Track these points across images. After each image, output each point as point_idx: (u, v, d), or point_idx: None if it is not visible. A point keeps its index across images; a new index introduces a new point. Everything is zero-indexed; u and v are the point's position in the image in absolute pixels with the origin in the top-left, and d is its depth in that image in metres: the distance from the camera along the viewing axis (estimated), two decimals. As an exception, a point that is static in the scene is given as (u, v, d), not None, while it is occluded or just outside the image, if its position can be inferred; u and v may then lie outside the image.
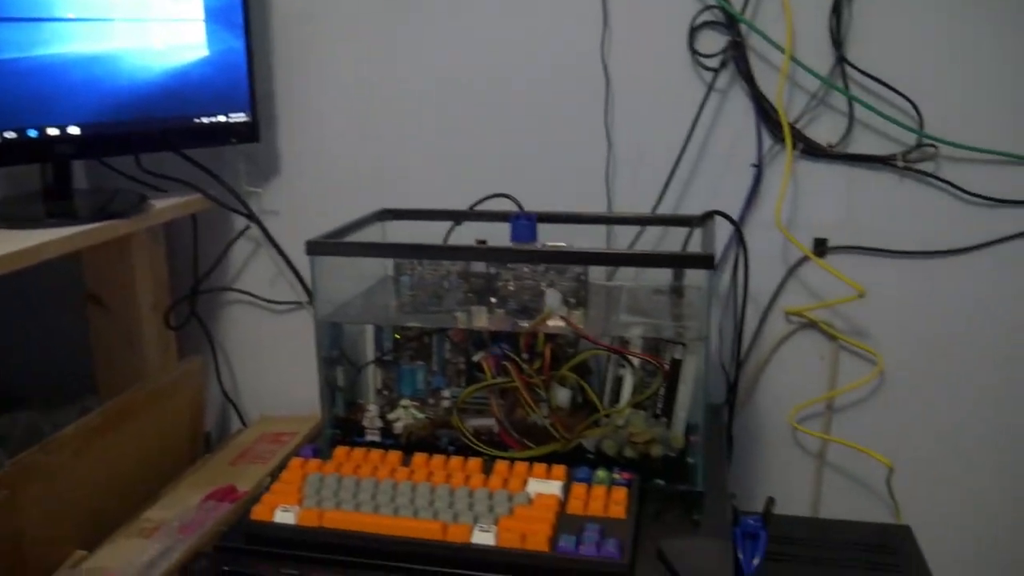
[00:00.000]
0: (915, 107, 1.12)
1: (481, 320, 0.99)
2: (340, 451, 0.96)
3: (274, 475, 0.94)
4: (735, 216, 1.19)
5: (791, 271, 1.21)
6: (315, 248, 0.96)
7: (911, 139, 1.13)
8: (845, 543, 1.15)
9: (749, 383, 1.27)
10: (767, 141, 1.17)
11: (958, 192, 1.14)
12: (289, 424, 1.35)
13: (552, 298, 0.93)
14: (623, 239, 1.22)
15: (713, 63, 1.15)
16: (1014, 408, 1.21)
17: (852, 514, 1.28)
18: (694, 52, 1.16)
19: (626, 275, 1.17)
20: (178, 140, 1.20)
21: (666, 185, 1.19)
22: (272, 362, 1.41)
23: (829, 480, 1.29)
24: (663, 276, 1.07)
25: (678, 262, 0.90)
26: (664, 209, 1.20)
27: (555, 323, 0.94)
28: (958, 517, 1.26)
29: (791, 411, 1.25)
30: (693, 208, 1.17)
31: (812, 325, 1.23)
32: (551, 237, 1.04)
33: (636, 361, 0.94)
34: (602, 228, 1.20)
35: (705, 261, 0.85)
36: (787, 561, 1.11)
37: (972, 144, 1.12)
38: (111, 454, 1.12)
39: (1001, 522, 1.26)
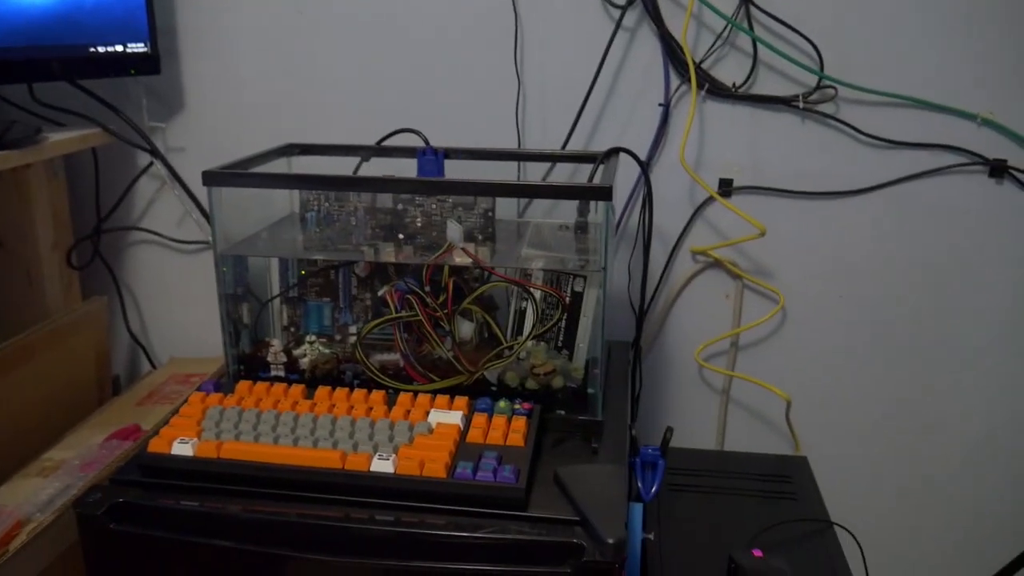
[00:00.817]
0: (816, 49, 1.14)
1: (387, 256, 0.99)
2: (242, 385, 0.95)
3: (176, 411, 0.93)
4: (644, 156, 1.21)
5: (697, 211, 1.24)
6: (212, 179, 0.94)
7: (812, 81, 1.16)
8: (746, 474, 1.19)
9: (657, 322, 1.29)
10: (674, 81, 1.18)
11: (856, 133, 1.17)
12: (199, 365, 1.33)
13: (453, 230, 0.93)
14: (534, 177, 1.22)
15: (621, 1, 1.15)
16: (907, 344, 1.27)
17: (755, 447, 1.33)
18: (603, -11, 1.16)
19: (536, 214, 1.18)
20: (72, 70, 1.16)
21: (575, 123, 1.19)
22: (181, 303, 1.39)
23: (734, 415, 1.33)
24: (571, 214, 1.08)
25: (576, 194, 0.91)
26: (574, 147, 1.21)
27: (459, 257, 0.94)
28: (853, 447, 1.32)
29: (698, 348, 1.28)
30: (603, 146, 1.18)
31: (718, 264, 1.26)
32: (460, 174, 1.04)
33: (538, 294, 0.95)
34: (513, 165, 1.20)
35: (603, 193, 0.86)
36: (690, 491, 1.15)
37: (871, 87, 1.15)
38: (11, 395, 1.09)
39: (892, 452, 1.32)
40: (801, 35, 1.14)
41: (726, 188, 1.22)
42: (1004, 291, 1.23)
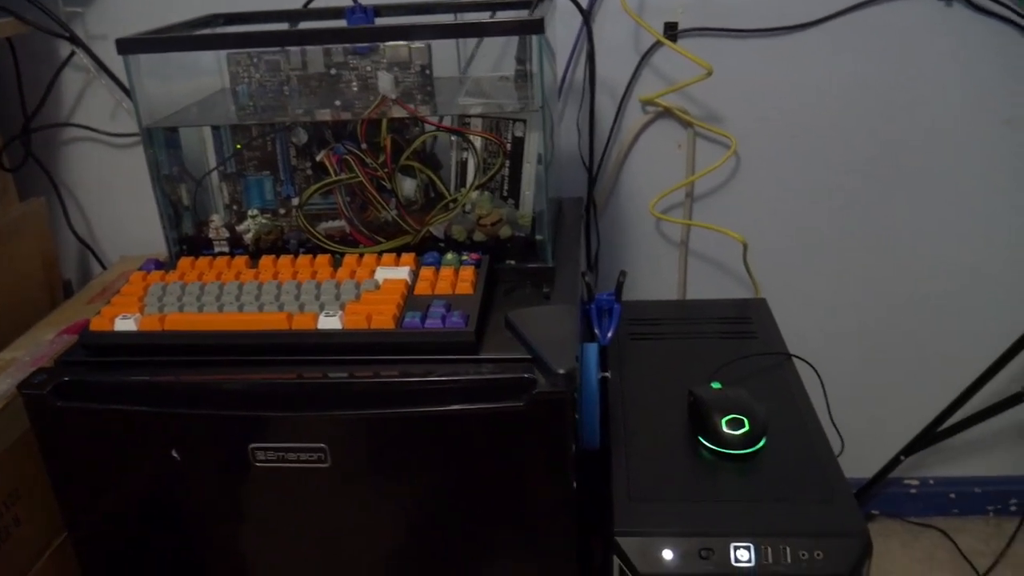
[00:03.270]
0: None
1: (322, 118, 0.95)
2: (184, 261, 0.93)
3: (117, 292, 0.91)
4: (584, 3, 1.16)
5: (644, 58, 1.20)
6: (128, 46, 0.89)
7: (752, -93, 1.11)
8: (706, 319, 1.20)
9: (611, 177, 1.27)
10: (610, -81, 1.13)
11: (800, -39, 1.14)
12: (151, 261, 1.30)
13: (384, 80, 0.90)
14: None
15: None
16: (863, 179, 1.26)
17: (717, 295, 1.33)
18: None
19: (480, 72, 1.14)
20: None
21: (509, -28, 1.14)
22: (126, 200, 1.35)
23: (693, 265, 1.33)
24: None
25: (505, 30, 0.88)
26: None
27: (394, 110, 0.91)
28: (812, 286, 1.33)
29: (652, 201, 1.27)
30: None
31: (668, 113, 1.23)
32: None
33: (478, 142, 0.92)
34: (450, 18, 1.15)
35: (533, 26, 0.82)
36: (654, 339, 1.15)
37: (812, -92, 1.11)
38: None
39: (850, 288, 1.33)
40: None
41: (671, 32, 1.18)
42: (957, 116, 1.21)
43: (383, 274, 0.87)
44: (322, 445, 0.77)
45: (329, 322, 0.81)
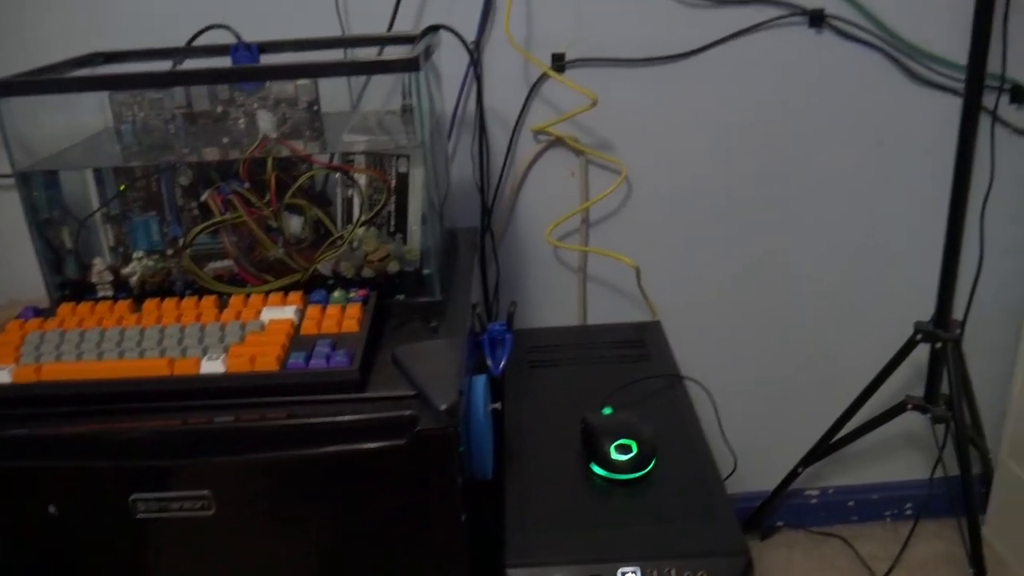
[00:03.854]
0: (631, -90, 1.13)
1: (207, 157, 0.95)
2: (64, 308, 0.91)
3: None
4: (473, 35, 1.18)
5: (533, 88, 1.23)
6: (3, 89, 0.87)
7: (630, -57, 1.15)
8: (603, 343, 1.22)
9: (507, 206, 1.29)
10: (495, -45, 1.16)
11: (679, -6, 1.18)
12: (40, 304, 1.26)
13: (264, 120, 0.90)
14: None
15: None
16: (750, 202, 1.30)
17: (616, 318, 1.36)
18: None
19: (373, 105, 1.15)
20: None
21: (396, 6, 1.15)
22: (10, 242, 1.31)
23: (592, 290, 1.36)
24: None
25: (382, 68, 0.89)
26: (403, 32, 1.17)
27: (275, 149, 0.91)
28: (706, 307, 1.37)
29: (548, 228, 1.29)
30: (430, 30, 1.15)
31: (560, 142, 1.26)
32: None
33: (362, 179, 0.93)
34: (338, 54, 1.15)
35: (410, 64, 0.84)
36: (551, 366, 1.17)
37: (687, -55, 1.15)
38: None
39: (743, 309, 1.38)
40: None
41: (559, 63, 1.21)
42: (834, 138, 1.27)
43: (269, 314, 0.87)
44: (205, 492, 0.76)
45: (212, 366, 0.80)
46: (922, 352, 1.27)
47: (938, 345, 1.23)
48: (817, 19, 1.19)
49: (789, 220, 1.32)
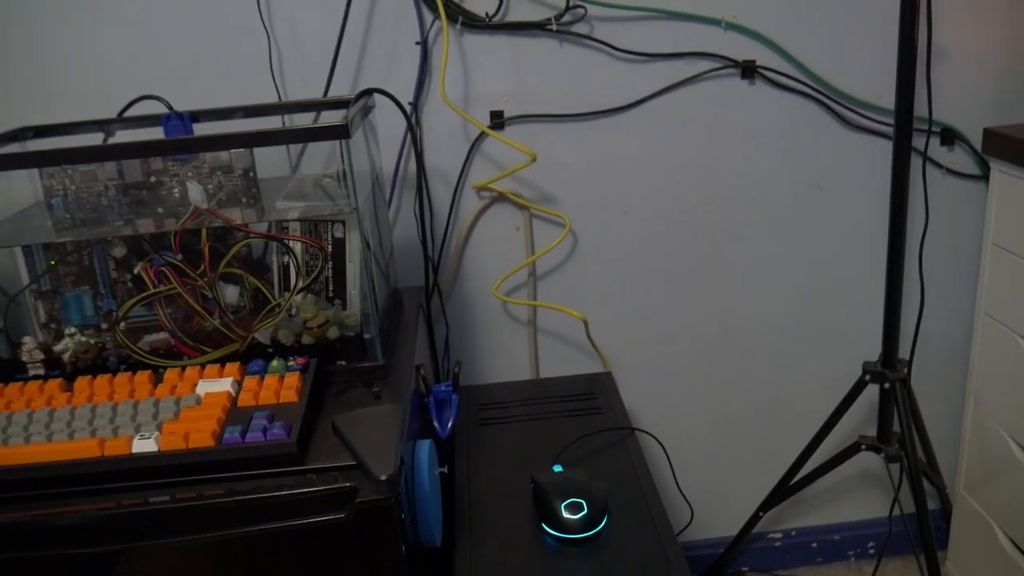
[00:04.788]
0: (560, -30, 1.15)
1: (142, 229, 0.93)
2: (-8, 390, 0.88)
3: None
4: (411, 96, 1.19)
5: (474, 146, 1.23)
6: (-83, 171, 0.85)
7: (561, 3, 1.16)
8: (555, 397, 1.21)
9: (453, 263, 1.29)
10: (428, 17, 1.16)
11: (613, 51, 1.19)
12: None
13: (193, 191, 0.89)
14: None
15: (358, -61, 1.12)
16: (693, 250, 1.31)
17: (569, 370, 1.35)
18: (338, -70, 1.12)
19: (313, 170, 1.15)
20: None
21: (331, 72, 1.16)
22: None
23: (544, 343, 1.35)
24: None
25: (311, 135, 0.88)
26: (339, 96, 1.17)
27: (207, 219, 0.90)
28: (656, 356, 1.37)
29: (496, 283, 1.29)
30: (367, 92, 1.15)
31: (503, 198, 1.26)
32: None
33: (298, 246, 0.92)
34: (276, 121, 1.15)
35: (339, 131, 0.83)
36: (502, 423, 1.15)
37: (617, 2, 1.17)
38: None
39: (691, 356, 1.38)
40: (544, -42, 1.15)
41: (498, 120, 1.22)
42: (773, 184, 1.29)
43: (205, 387, 0.85)
44: (138, 578, 0.74)
45: (144, 445, 0.77)
46: (874, 391, 1.28)
47: (886, 385, 1.24)
48: (749, 71, 1.22)
49: (734, 266, 1.33)
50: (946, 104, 1.26)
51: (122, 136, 1.06)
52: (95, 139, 1.05)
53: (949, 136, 1.28)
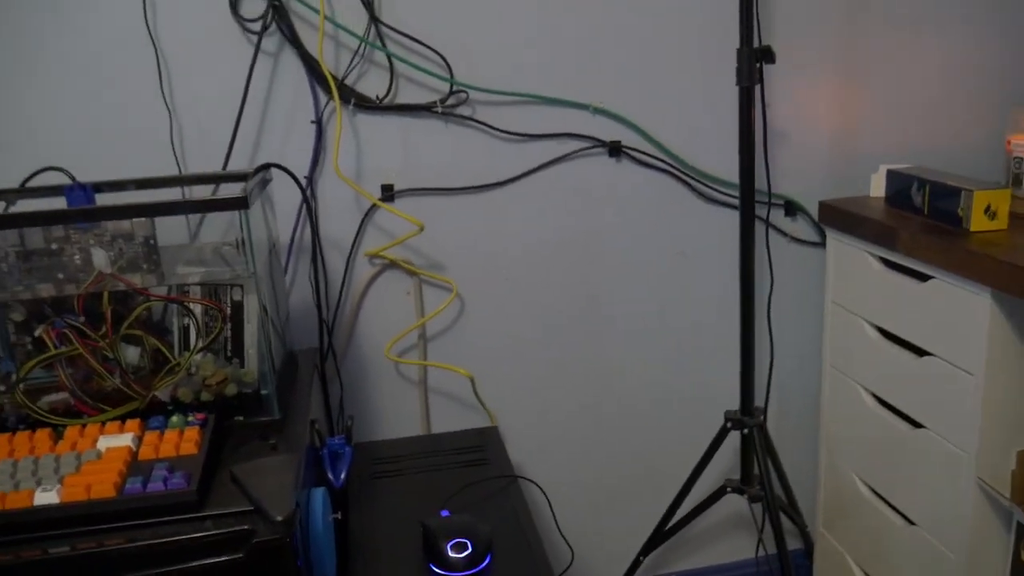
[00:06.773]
0: (445, 60, 1.27)
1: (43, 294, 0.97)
2: None
3: None
4: (307, 170, 1.27)
5: (366, 217, 1.32)
6: None
7: (446, 88, 1.28)
8: (445, 451, 1.29)
9: (347, 326, 1.36)
10: (323, 98, 1.26)
11: (492, 131, 1.31)
12: None
13: (98, 257, 0.95)
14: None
15: (256, 27, 1.21)
16: (568, 310, 1.43)
17: (459, 426, 1.43)
18: (238, 17, 1.21)
19: (212, 238, 1.21)
20: None
21: (230, 147, 1.23)
22: None
23: (435, 400, 1.43)
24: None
25: (213, 206, 0.96)
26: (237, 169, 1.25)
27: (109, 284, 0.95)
28: (538, 411, 1.47)
29: (387, 345, 1.37)
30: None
31: (394, 265, 1.35)
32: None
33: (198, 309, 0.98)
34: (176, 192, 1.21)
35: (237, 203, 0.91)
36: (394, 476, 1.22)
37: (496, 88, 1.29)
38: None
39: (572, 409, 1.48)
40: (430, 48, 1.26)
41: (388, 192, 1.31)
42: (641, 251, 1.42)
43: (106, 442, 0.89)
44: (39, 625, 0.77)
45: (45, 497, 0.81)
46: (736, 438, 1.40)
47: (745, 430, 1.37)
48: (615, 150, 1.36)
49: (607, 328, 1.45)
50: (788, 179, 1.43)
51: (24, 205, 1.10)
52: (-3, 209, 1.09)
53: (791, 208, 1.45)
